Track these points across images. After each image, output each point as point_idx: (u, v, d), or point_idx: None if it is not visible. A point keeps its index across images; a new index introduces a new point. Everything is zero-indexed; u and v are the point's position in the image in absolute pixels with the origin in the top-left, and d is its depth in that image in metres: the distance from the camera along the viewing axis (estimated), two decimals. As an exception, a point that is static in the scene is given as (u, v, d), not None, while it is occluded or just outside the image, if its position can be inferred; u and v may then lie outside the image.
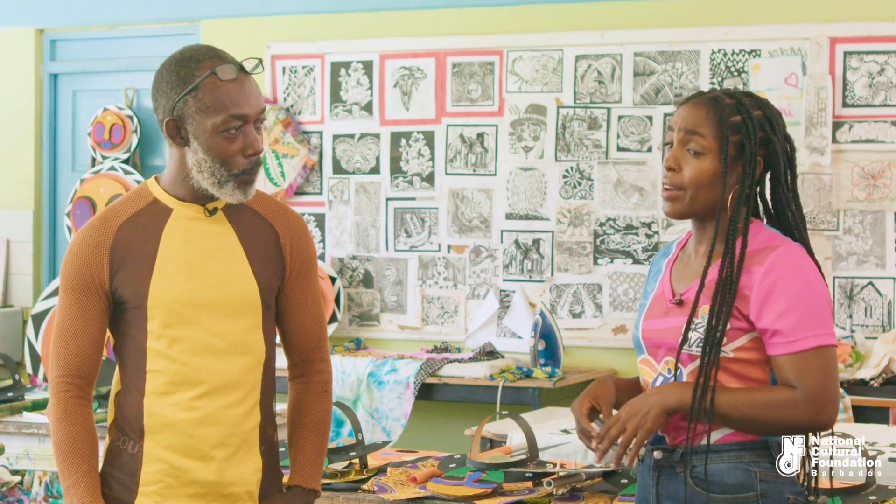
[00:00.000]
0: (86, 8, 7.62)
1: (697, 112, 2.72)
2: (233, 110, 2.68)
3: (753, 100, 2.74)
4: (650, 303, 2.81)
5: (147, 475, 2.74)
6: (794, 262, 2.65)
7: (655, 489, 2.72)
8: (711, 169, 2.69)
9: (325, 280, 6.90)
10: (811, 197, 6.24)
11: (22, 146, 7.68)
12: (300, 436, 2.89)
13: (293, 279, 2.85)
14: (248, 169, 2.72)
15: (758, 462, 2.66)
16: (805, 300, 2.62)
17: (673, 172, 2.73)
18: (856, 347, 6.05)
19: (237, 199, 2.74)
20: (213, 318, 2.74)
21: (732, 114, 2.70)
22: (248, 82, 2.72)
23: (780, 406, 2.60)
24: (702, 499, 2.65)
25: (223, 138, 2.69)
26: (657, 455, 2.71)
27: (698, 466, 2.65)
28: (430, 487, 3.52)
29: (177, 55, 2.73)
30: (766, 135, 2.71)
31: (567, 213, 6.65)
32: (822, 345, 2.61)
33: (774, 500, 2.65)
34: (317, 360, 2.92)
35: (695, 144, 2.71)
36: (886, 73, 6.18)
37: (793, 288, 2.62)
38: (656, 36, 6.50)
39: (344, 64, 7.06)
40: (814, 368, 2.60)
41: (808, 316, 2.61)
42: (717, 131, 2.69)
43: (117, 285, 2.72)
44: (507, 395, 6.07)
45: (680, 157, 2.72)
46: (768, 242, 2.68)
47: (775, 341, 2.62)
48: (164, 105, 2.72)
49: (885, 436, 4.29)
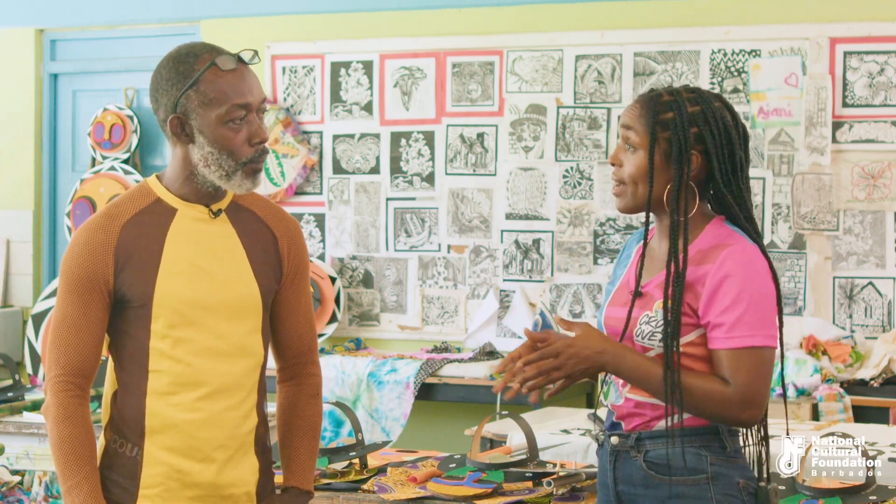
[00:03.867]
0: (86, 8, 7.62)
1: (633, 109, 2.80)
2: (236, 100, 2.68)
3: (697, 95, 2.78)
4: (615, 290, 2.88)
5: (148, 478, 2.73)
6: (745, 261, 2.70)
7: (612, 473, 2.80)
8: (643, 164, 2.76)
9: (325, 280, 6.90)
10: (811, 197, 6.24)
11: (22, 146, 7.68)
12: (294, 438, 2.90)
13: (289, 283, 2.85)
14: (255, 157, 2.72)
15: (708, 446, 2.73)
16: (750, 300, 2.67)
17: (616, 168, 2.81)
18: (856, 347, 6.05)
19: (246, 189, 2.74)
20: (217, 319, 2.73)
21: (665, 111, 2.75)
22: (248, 72, 2.72)
23: (712, 397, 2.66)
24: (655, 482, 2.73)
25: (228, 129, 2.69)
26: (614, 440, 2.80)
27: (651, 451, 2.74)
28: (430, 487, 3.52)
29: (173, 53, 2.73)
30: (699, 131, 2.74)
31: (567, 213, 6.65)
32: (758, 345, 2.67)
33: (724, 483, 2.72)
34: (308, 362, 2.92)
35: (629, 141, 2.78)
36: (886, 73, 6.18)
37: (740, 286, 2.67)
38: (656, 36, 6.50)
39: (344, 64, 7.06)
40: (746, 367, 2.66)
41: (751, 316, 2.67)
42: (646, 128, 2.75)
43: (121, 284, 2.71)
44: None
45: (620, 153, 2.80)
46: (722, 240, 2.73)
47: (715, 335, 2.68)
48: (165, 103, 2.71)
49: (885, 436, 4.30)
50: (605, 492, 2.83)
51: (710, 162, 2.75)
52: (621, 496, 2.78)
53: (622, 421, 2.80)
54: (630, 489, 2.77)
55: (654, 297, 2.75)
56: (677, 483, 2.71)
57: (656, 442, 2.74)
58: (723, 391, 2.65)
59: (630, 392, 2.78)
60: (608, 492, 2.82)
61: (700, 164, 2.75)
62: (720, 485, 2.71)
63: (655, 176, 2.74)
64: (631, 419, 2.78)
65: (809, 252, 6.27)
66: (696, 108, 2.75)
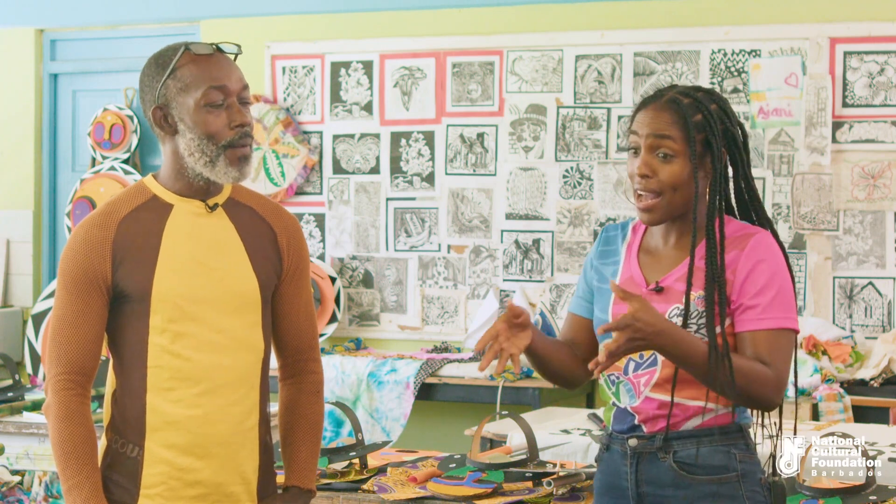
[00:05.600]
0: (86, 8, 7.62)
1: (661, 116, 2.76)
2: (211, 82, 2.70)
3: (706, 94, 2.80)
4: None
5: (149, 477, 2.72)
6: (771, 248, 2.75)
7: (634, 476, 2.78)
8: (684, 170, 2.75)
9: (325, 280, 6.90)
10: (811, 197, 6.24)
11: (22, 146, 7.68)
12: (295, 436, 2.89)
13: (289, 279, 2.85)
14: (235, 140, 2.71)
15: (736, 444, 2.75)
16: (781, 285, 2.71)
17: (647, 179, 2.76)
18: (856, 347, 6.05)
19: (232, 178, 2.73)
20: (216, 314, 2.73)
21: (694, 113, 2.75)
22: (225, 60, 2.74)
23: (757, 377, 2.66)
24: (686, 481, 2.73)
25: (207, 112, 2.70)
26: (633, 443, 2.78)
27: (680, 451, 2.73)
28: (430, 487, 3.51)
29: (155, 53, 2.78)
30: (726, 126, 2.78)
31: (567, 213, 6.65)
32: (791, 327, 2.71)
33: (751, 479, 2.76)
34: (310, 360, 2.92)
35: (665, 149, 2.75)
36: (886, 73, 6.18)
37: (772, 270, 2.71)
38: (656, 36, 6.50)
39: (344, 64, 7.06)
40: (783, 349, 2.69)
41: (782, 299, 2.71)
42: (683, 133, 2.74)
43: (119, 279, 2.70)
44: (507, 395, 6.07)
45: (652, 163, 2.76)
46: (745, 230, 2.78)
47: (748, 317, 2.70)
48: (148, 98, 2.75)
49: (885, 436, 4.30)
50: (617, 494, 2.81)
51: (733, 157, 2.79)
52: (644, 498, 2.77)
53: (644, 424, 2.78)
54: (656, 490, 2.76)
55: (675, 289, 2.74)
56: (709, 482, 2.72)
57: (685, 442, 2.74)
58: (765, 372, 2.66)
59: (652, 391, 2.76)
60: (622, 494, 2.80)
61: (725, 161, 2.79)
62: (748, 482, 2.75)
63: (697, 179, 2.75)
64: (655, 421, 2.76)
65: (809, 252, 6.27)
66: (714, 105, 2.77)
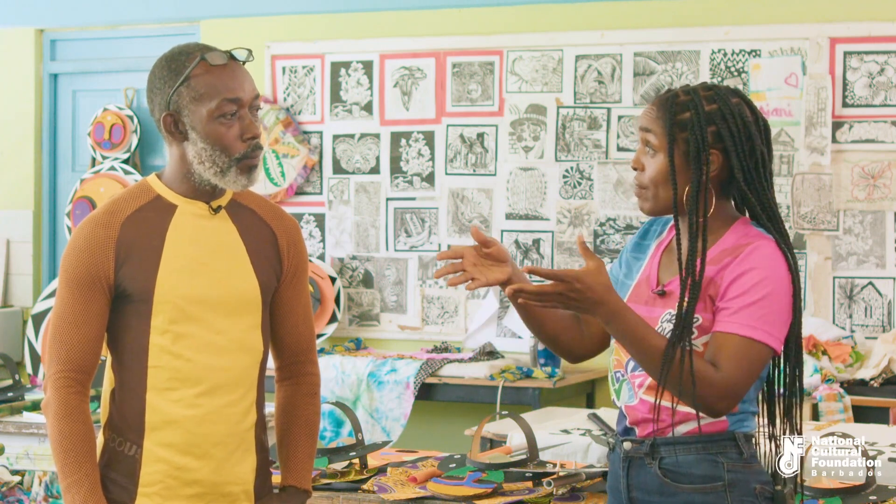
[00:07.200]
0: (86, 8, 7.62)
1: (650, 111, 2.76)
2: (226, 94, 2.69)
3: (714, 93, 2.73)
4: (635, 286, 2.83)
5: (147, 476, 2.73)
6: (768, 258, 2.65)
7: (626, 480, 2.76)
8: (664, 167, 2.72)
9: (325, 280, 6.90)
10: (811, 197, 6.24)
11: (22, 146, 7.68)
12: (292, 437, 2.90)
13: (288, 281, 2.86)
14: (248, 153, 2.72)
15: (725, 453, 2.69)
16: (765, 294, 2.62)
17: (638, 172, 2.78)
18: (856, 347, 6.05)
19: (241, 186, 2.74)
20: (217, 315, 2.74)
21: (682, 111, 2.71)
22: (239, 69, 2.73)
23: (700, 380, 2.58)
24: (671, 489, 2.69)
25: (220, 124, 2.70)
26: (627, 446, 2.76)
27: (667, 458, 2.70)
28: (430, 487, 3.51)
29: (167, 54, 2.76)
30: (717, 129, 2.70)
31: (567, 213, 6.65)
32: (758, 340, 2.60)
33: (741, 489, 2.68)
34: (307, 362, 2.93)
35: (650, 144, 2.75)
36: (886, 73, 6.18)
37: (758, 278, 2.63)
38: (656, 36, 6.50)
39: (344, 64, 7.06)
40: (738, 356, 2.60)
41: (760, 309, 2.61)
42: (664, 129, 2.72)
43: (122, 279, 2.71)
44: (507, 395, 6.07)
45: (641, 157, 2.76)
46: (748, 239, 2.69)
47: (719, 318, 2.63)
48: (159, 102, 2.73)
49: (885, 436, 4.29)
50: (618, 496, 2.80)
51: (729, 160, 2.70)
52: (635, 503, 2.76)
53: (636, 426, 2.76)
54: (644, 496, 2.74)
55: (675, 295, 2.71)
56: (694, 491, 2.68)
57: (672, 449, 2.70)
58: (711, 374, 2.59)
59: (645, 393, 2.73)
60: (620, 497, 2.79)
61: (720, 163, 2.70)
62: (737, 492, 2.67)
63: (677, 178, 2.70)
64: (645, 425, 2.73)
65: (809, 252, 6.27)
66: (713, 105, 2.71)
